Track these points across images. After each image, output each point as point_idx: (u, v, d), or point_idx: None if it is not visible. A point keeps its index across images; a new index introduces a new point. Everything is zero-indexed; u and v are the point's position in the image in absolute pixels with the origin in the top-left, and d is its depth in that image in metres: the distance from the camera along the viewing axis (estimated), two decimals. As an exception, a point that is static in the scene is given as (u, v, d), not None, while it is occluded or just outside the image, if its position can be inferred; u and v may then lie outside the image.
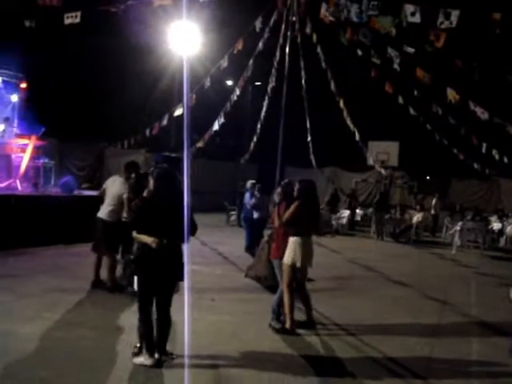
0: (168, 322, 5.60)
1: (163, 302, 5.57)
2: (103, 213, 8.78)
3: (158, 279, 5.47)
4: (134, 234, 5.53)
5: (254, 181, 13.77)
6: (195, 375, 5.19)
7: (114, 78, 28.34)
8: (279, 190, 7.81)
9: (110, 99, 29.28)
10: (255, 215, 12.91)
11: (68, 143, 25.06)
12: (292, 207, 7.06)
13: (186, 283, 5.42)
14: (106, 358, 5.62)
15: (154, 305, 5.58)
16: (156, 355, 5.48)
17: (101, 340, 6.20)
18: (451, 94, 11.90)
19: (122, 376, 5.27)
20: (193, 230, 5.58)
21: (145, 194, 6.03)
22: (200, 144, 20.51)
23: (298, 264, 6.97)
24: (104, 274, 8.79)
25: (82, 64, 26.98)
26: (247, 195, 13.38)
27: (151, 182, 5.65)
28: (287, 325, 7.01)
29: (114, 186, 8.83)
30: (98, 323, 6.91)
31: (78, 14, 12.95)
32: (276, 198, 8.28)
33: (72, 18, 12.76)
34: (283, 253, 7.12)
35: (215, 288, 9.38)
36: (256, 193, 13.11)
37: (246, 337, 6.74)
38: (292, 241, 7.05)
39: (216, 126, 19.46)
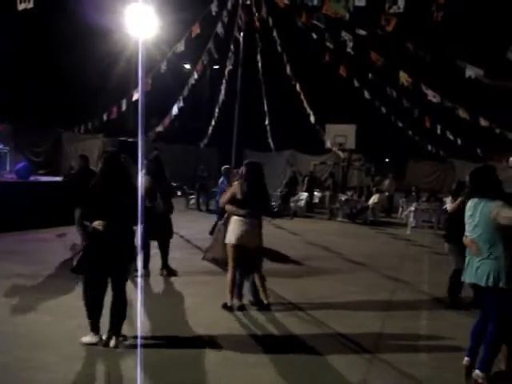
0: (122, 304, 5.69)
1: (116, 285, 5.68)
2: None
3: (109, 263, 5.55)
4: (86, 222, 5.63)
5: (228, 166, 13.88)
6: (148, 355, 5.29)
7: (70, 62, 27.88)
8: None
9: (67, 84, 28.83)
10: None
11: (23, 129, 24.60)
12: (230, 189, 7.28)
13: (139, 266, 5.49)
14: (62, 341, 5.67)
15: (110, 288, 5.69)
16: (103, 334, 5.63)
17: (57, 324, 6.24)
18: (404, 77, 12.15)
19: (76, 357, 5.36)
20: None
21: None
22: (159, 128, 20.40)
23: (233, 242, 7.16)
24: None
25: (37, 49, 26.47)
26: (221, 180, 13.48)
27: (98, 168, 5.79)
28: (228, 302, 7.25)
29: None
30: (54, 308, 6.94)
31: (31, -2, 12.61)
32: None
33: (25, 3, 12.45)
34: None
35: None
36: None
37: (201, 318, 6.86)
38: (232, 220, 7.26)
39: (175, 110, 19.36)
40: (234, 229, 7.18)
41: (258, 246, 7.40)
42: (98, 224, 5.43)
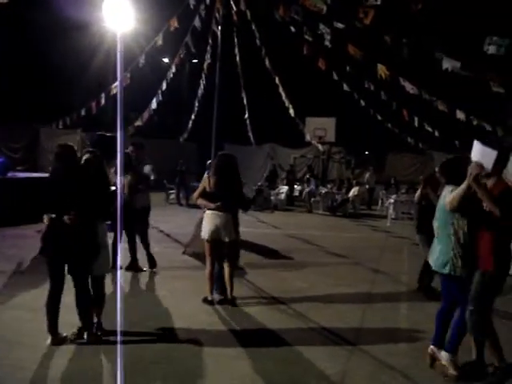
0: (82, 299, 5.61)
1: (74, 280, 5.61)
2: None
3: (62, 258, 5.49)
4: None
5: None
6: (127, 351, 5.25)
7: (48, 56, 27.57)
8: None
9: (44, 78, 28.51)
10: None
11: (0, 125, 24.32)
12: (201, 182, 7.32)
13: (118, 262, 5.43)
14: (41, 339, 5.61)
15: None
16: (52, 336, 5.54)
17: (36, 321, 6.16)
18: (382, 70, 12.19)
19: (54, 354, 5.34)
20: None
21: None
22: (138, 122, 20.22)
23: (206, 237, 7.13)
24: None
25: (15, 43, 26.12)
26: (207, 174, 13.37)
27: None
28: (208, 296, 7.26)
29: None
30: (34, 305, 6.86)
31: (7, -9, 12.40)
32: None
33: (0, -4, 12.21)
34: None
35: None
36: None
37: (182, 312, 6.85)
38: (205, 214, 7.25)
39: (154, 105, 19.21)
40: (208, 223, 7.13)
41: (235, 240, 7.35)
42: (45, 220, 5.41)
